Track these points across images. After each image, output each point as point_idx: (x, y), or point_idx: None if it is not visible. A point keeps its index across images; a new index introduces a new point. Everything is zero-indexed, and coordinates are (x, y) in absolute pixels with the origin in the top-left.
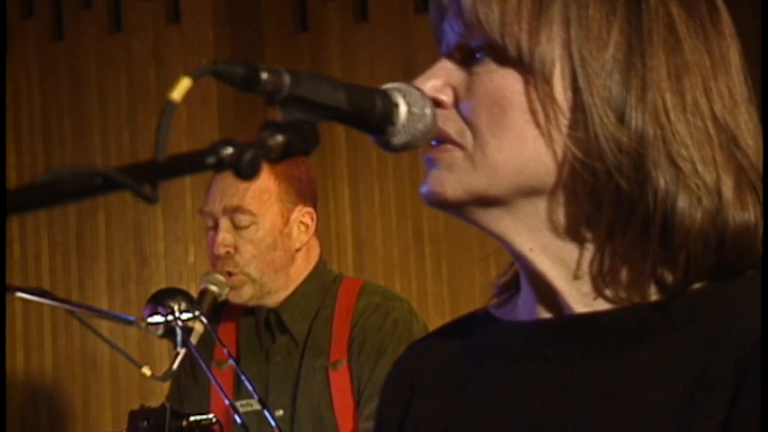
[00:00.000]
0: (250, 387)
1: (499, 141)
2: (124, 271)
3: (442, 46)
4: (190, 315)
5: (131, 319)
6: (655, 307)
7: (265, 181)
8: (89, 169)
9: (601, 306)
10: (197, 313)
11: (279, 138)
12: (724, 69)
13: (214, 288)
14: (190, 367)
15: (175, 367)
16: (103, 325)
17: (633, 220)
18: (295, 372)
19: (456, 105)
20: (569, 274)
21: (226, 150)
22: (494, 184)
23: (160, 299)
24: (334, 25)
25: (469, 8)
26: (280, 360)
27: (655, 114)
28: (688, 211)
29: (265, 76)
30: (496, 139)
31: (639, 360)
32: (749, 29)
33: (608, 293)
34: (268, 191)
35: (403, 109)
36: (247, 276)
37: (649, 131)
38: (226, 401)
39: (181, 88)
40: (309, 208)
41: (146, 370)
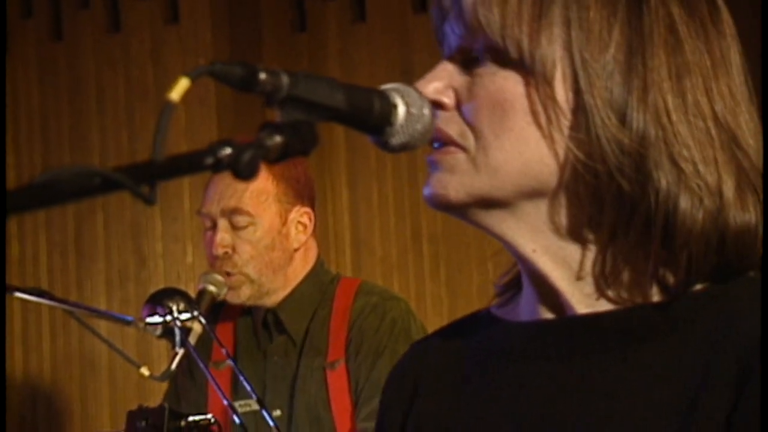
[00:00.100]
0: (248, 387)
1: (501, 143)
2: (122, 271)
3: (444, 48)
4: (189, 315)
5: (129, 319)
6: (657, 308)
7: (263, 182)
8: (88, 170)
9: (603, 306)
10: (195, 313)
11: (277, 138)
12: (725, 69)
13: (212, 288)
14: (188, 367)
15: (173, 367)
16: (102, 326)
17: (635, 221)
18: (292, 372)
19: (458, 107)
20: (571, 274)
21: (225, 150)
22: (496, 186)
23: (159, 299)
24: (332, 26)
25: (470, 11)
26: (278, 360)
27: (656, 115)
28: (690, 212)
29: (263, 76)
30: (498, 141)
31: (641, 360)
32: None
33: (610, 294)
34: (265, 192)
35: (401, 109)
36: (245, 276)
37: (650, 132)
38: (224, 401)
39: (180, 89)
40: (307, 209)
41: (144, 371)
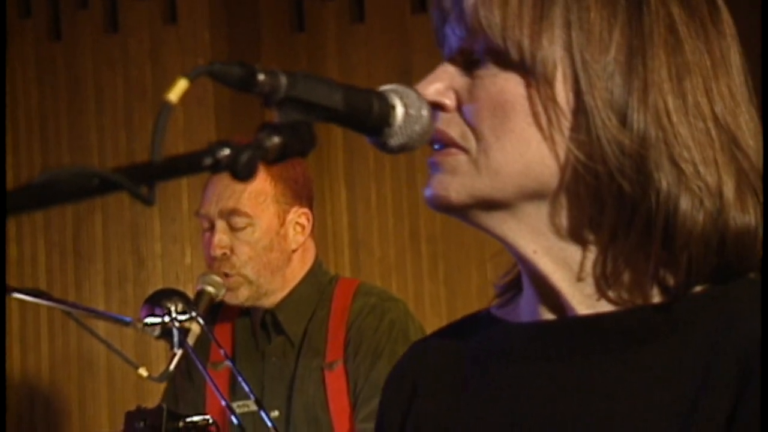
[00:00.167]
0: (246, 388)
1: (502, 144)
2: (120, 272)
3: (444, 50)
4: (187, 316)
5: (128, 320)
6: (658, 309)
7: (261, 183)
8: (86, 171)
9: (604, 307)
10: (194, 314)
11: (276, 139)
12: (725, 69)
13: (210, 289)
14: (186, 368)
15: (171, 368)
16: (100, 326)
17: (635, 222)
18: (290, 373)
19: (459, 109)
20: (572, 275)
21: (223, 151)
22: (498, 188)
23: (157, 300)
24: (331, 26)
25: (471, 12)
26: (276, 361)
27: (656, 116)
28: (690, 213)
29: (261, 77)
30: (499, 143)
31: (641, 361)
32: (749, 29)
33: (611, 295)
34: (264, 193)
35: (399, 110)
36: (243, 277)
37: (651, 133)
38: (222, 402)
39: (178, 90)
40: (305, 209)
41: (143, 371)
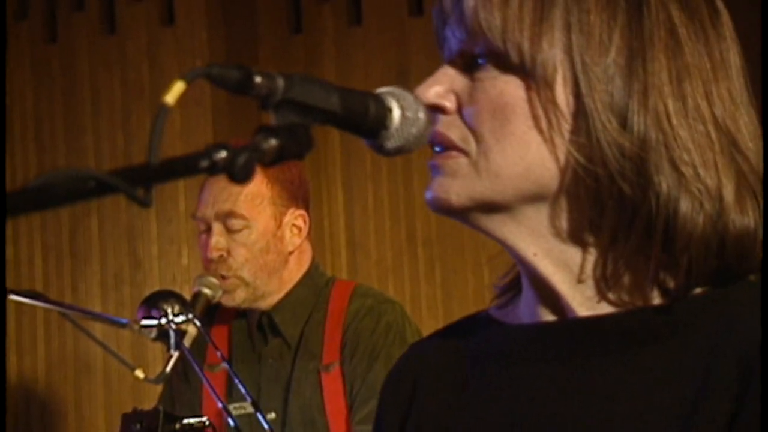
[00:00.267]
0: (243, 390)
1: (503, 147)
2: (117, 273)
3: (444, 52)
4: (184, 318)
5: (124, 321)
6: (658, 311)
7: (258, 185)
8: (83, 173)
9: (604, 309)
10: (190, 316)
11: (273, 141)
12: (725, 72)
13: (207, 291)
14: (183, 369)
15: (168, 369)
16: (96, 328)
17: (635, 225)
18: (287, 375)
19: (459, 111)
20: (572, 278)
21: (220, 153)
22: (498, 190)
23: (154, 302)
24: (328, 28)
25: (471, 15)
26: (273, 363)
27: (657, 119)
28: (690, 216)
29: (258, 79)
30: (499, 145)
31: (641, 363)
32: (749, 29)
33: (611, 297)
34: (260, 195)
35: (396, 113)
36: (240, 279)
37: (651, 136)
38: (219, 404)
39: (175, 92)
40: (301, 211)
41: (139, 373)
